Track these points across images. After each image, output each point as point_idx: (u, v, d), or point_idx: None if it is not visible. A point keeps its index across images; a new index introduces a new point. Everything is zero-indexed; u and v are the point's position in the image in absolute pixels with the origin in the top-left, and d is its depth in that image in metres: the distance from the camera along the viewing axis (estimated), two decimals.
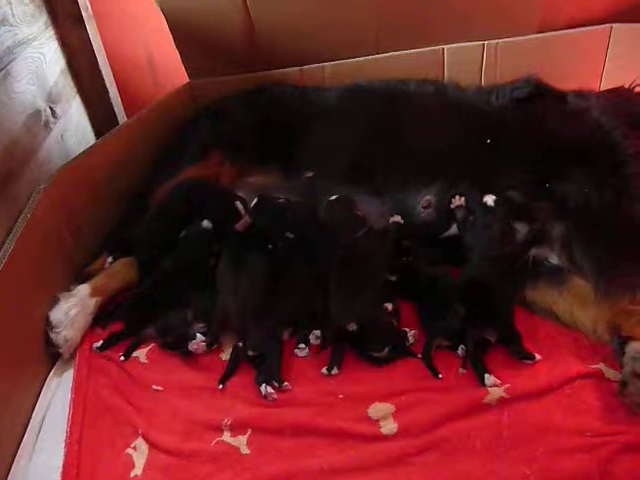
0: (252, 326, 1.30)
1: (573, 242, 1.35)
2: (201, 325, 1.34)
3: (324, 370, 1.24)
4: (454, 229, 1.51)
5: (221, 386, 1.25)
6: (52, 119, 1.76)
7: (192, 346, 1.30)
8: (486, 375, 1.18)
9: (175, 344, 1.33)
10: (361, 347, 1.28)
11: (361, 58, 1.93)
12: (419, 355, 1.27)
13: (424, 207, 1.54)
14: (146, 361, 1.35)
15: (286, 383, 1.22)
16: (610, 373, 1.18)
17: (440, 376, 1.22)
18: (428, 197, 1.54)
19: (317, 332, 1.32)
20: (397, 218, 1.54)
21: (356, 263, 1.39)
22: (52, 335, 1.35)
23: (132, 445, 1.16)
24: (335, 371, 1.24)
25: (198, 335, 1.31)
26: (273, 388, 1.21)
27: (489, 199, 1.43)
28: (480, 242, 1.41)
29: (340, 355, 1.26)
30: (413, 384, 1.21)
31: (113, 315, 1.44)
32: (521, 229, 1.42)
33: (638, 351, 1.12)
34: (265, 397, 1.20)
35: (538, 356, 1.20)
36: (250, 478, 1.07)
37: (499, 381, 1.17)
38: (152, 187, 1.67)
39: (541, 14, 1.83)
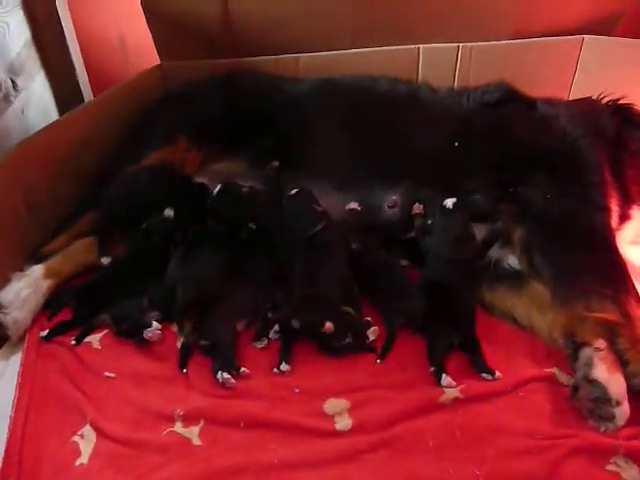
0: (205, 315, 1.28)
1: (533, 247, 1.37)
2: (156, 313, 1.32)
3: (275, 369, 1.23)
4: None
5: (185, 370, 1.23)
6: (13, 91, 1.70)
7: (147, 334, 1.28)
8: (443, 375, 1.18)
9: (130, 332, 1.30)
10: (322, 338, 1.26)
11: (336, 52, 1.92)
12: (379, 350, 1.27)
13: (390, 206, 1.55)
14: (99, 347, 1.31)
15: (244, 369, 1.22)
16: (563, 377, 1.20)
17: (378, 361, 1.24)
18: (394, 197, 1.54)
19: (277, 327, 1.30)
20: (354, 205, 1.54)
21: (319, 258, 1.38)
22: (0, 316, 1.30)
23: (79, 433, 1.13)
24: (285, 367, 1.22)
25: (154, 323, 1.29)
26: (231, 375, 1.19)
27: (449, 202, 1.44)
28: (438, 245, 1.42)
29: (287, 350, 1.25)
30: (370, 381, 1.21)
31: (62, 302, 1.40)
32: (482, 231, 1.44)
33: (590, 357, 1.14)
34: (223, 384, 1.19)
35: (498, 373, 1.19)
36: (201, 470, 1.05)
37: (454, 382, 1.17)
38: (115, 168, 1.62)
39: (516, 21, 1.86)
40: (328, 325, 1.23)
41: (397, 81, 1.74)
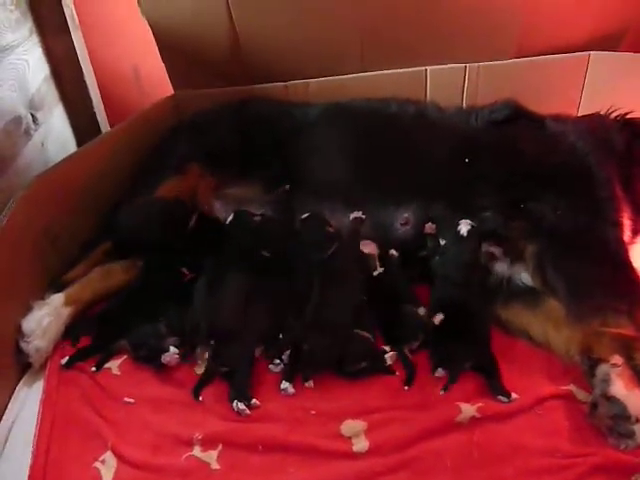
0: (225, 343, 1.29)
1: (545, 263, 1.37)
2: (174, 339, 1.33)
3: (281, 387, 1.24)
4: None
5: (201, 398, 1.23)
6: (33, 126, 1.75)
7: (165, 358, 1.29)
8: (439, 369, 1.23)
9: (148, 357, 1.32)
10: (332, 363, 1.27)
11: (345, 76, 1.96)
12: (397, 373, 1.27)
13: (402, 224, 1.56)
14: (118, 373, 1.33)
15: (254, 400, 1.21)
16: (581, 394, 1.19)
17: (406, 388, 1.23)
18: (406, 215, 1.56)
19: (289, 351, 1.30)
20: (357, 214, 1.55)
21: (334, 281, 1.39)
22: (23, 344, 1.32)
23: (100, 459, 1.14)
24: (285, 385, 1.22)
25: (172, 348, 1.30)
26: (245, 404, 1.20)
27: (463, 227, 1.44)
28: (448, 268, 1.43)
29: (291, 370, 1.25)
30: (386, 401, 1.21)
31: (80, 330, 1.42)
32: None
33: (608, 373, 1.13)
34: (238, 413, 1.19)
35: (514, 395, 1.18)
36: None
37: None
38: (130, 198, 1.66)
39: (521, 39, 1.88)
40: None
41: (406, 102, 1.77)
